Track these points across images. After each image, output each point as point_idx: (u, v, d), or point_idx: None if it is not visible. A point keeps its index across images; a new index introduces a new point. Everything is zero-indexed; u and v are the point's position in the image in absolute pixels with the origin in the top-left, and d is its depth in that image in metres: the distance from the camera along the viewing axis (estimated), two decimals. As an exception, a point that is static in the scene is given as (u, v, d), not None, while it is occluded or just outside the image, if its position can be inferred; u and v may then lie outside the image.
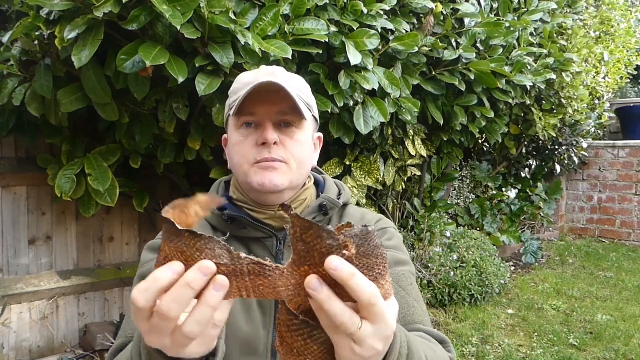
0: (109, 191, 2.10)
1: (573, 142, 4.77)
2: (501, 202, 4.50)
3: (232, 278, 0.48)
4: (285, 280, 0.48)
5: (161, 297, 0.47)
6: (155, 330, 0.49)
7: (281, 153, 0.84)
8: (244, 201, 0.90)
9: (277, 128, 0.85)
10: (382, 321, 0.49)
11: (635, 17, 5.67)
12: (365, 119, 2.21)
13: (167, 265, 0.48)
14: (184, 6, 1.54)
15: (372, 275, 0.49)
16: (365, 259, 0.48)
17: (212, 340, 0.51)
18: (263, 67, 0.90)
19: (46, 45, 1.79)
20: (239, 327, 0.85)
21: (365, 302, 0.47)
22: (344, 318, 0.48)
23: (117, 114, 1.92)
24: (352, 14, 2.03)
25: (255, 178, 0.84)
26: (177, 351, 0.50)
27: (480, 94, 2.90)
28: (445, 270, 3.22)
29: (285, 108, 0.84)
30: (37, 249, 2.54)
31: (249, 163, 0.85)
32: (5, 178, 2.43)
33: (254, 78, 0.85)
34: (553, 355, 2.65)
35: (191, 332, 0.48)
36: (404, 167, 3.09)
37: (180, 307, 0.47)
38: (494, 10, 2.99)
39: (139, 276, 0.87)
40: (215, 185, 0.99)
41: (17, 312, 2.46)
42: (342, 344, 0.50)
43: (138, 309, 0.48)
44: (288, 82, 0.85)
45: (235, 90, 0.87)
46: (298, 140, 0.86)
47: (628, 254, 4.73)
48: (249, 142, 0.85)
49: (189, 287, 0.46)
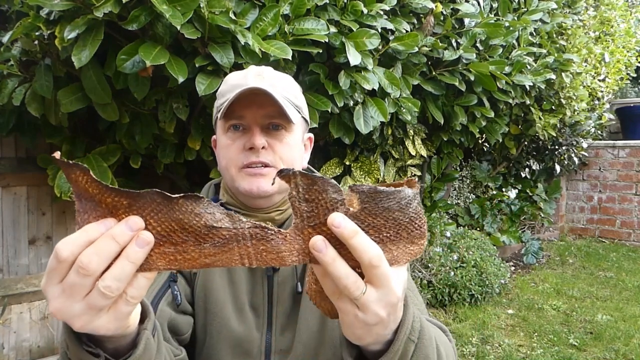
0: (108, 191, 2.10)
1: (573, 142, 4.77)
2: (501, 202, 4.50)
3: (233, 243, 0.46)
4: (289, 245, 0.47)
5: (84, 250, 0.45)
6: (68, 290, 0.45)
7: (269, 157, 0.83)
8: (234, 204, 0.90)
9: (266, 131, 0.84)
10: (386, 286, 0.47)
11: (634, 17, 5.67)
12: (365, 119, 2.21)
13: (100, 221, 0.45)
14: (184, 6, 1.54)
15: (378, 236, 0.47)
16: (371, 217, 0.47)
17: (123, 317, 0.48)
18: (252, 67, 0.88)
19: (46, 45, 1.79)
20: (231, 327, 0.84)
21: (366, 263, 0.46)
22: (347, 281, 0.46)
23: (117, 114, 1.92)
24: (352, 14, 2.03)
25: (243, 184, 0.83)
26: (85, 321, 0.46)
27: (480, 93, 2.90)
28: (445, 270, 3.22)
29: (273, 111, 0.83)
30: (37, 249, 2.54)
31: (236, 167, 0.84)
32: (5, 178, 2.43)
33: (242, 80, 0.84)
34: (553, 355, 2.65)
35: (108, 288, 0.44)
36: (404, 167, 3.09)
37: (101, 261, 0.44)
38: (493, 10, 3.00)
39: None
40: (205, 187, 0.99)
41: (17, 312, 2.46)
42: (346, 309, 0.49)
43: (58, 260, 0.45)
44: (276, 85, 0.83)
45: (223, 92, 0.86)
46: (287, 143, 0.85)
47: (628, 254, 4.73)
48: (237, 146, 0.84)
49: (114, 240, 0.44)
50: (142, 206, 0.45)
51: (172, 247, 0.46)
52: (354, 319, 0.49)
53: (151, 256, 0.46)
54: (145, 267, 0.46)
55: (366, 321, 0.49)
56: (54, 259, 0.45)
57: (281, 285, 0.87)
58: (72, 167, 0.44)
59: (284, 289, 0.87)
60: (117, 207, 0.46)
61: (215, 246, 0.46)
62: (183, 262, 0.47)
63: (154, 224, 0.45)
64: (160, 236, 0.46)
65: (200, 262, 0.47)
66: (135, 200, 0.45)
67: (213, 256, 0.47)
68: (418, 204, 0.49)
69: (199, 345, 0.88)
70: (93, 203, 0.46)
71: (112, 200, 0.45)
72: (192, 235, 0.46)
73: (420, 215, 0.49)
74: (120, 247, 0.45)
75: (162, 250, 0.46)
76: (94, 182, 0.45)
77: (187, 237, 0.46)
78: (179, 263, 0.47)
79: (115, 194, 0.45)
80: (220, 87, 0.89)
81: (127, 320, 0.49)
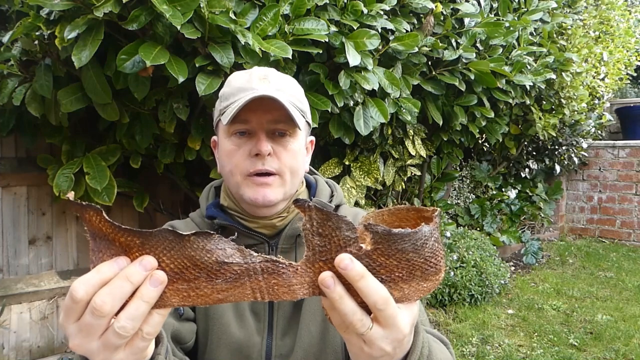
0: (106, 190, 2.10)
1: (573, 142, 4.77)
2: (501, 202, 4.50)
3: (245, 278, 0.47)
4: (300, 277, 0.47)
5: (98, 291, 0.45)
6: (84, 330, 0.46)
7: (275, 165, 0.82)
8: (235, 209, 0.88)
9: (270, 137, 0.82)
10: (393, 326, 0.48)
11: (634, 17, 5.67)
12: (365, 119, 2.21)
13: (113, 259, 0.46)
14: (184, 6, 1.54)
15: (390, 276, 0.47)
16: (383, 258, 0.47)
17: (140, 352, 0.49)
18: (255, 69, 0.86)
19: (46, 45, 1.79)
20: (231, 332, 0.84)
21: (372, 305, 0.47)
22: (353, 318, 0.47)
23: (117, 114, 1.92)
24: (352, 14, 2.03)
25: (248, 192, 0.82)
26: (104, 357, 0.47)
27: (480, 93, 2.90)
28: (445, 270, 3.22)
29: (279, 116, 0.81)
30: (37, 249, 2.54)
31: (242, 174, 0.82)
32: (5, 178, 2.43)
33: (247, 83, 0.82)
34: (553, 355, 2.65)
35: (123, 328, 0.45)
36: (404, 167, 3.09)
37: (115, 302, 0.45)
38: (493, 10, 3.00)
39: None
40: (205, 190, 0.97)
41: (17, 312, 2.46)
42: (352, 341, 0.50)
43: (74, 301, 0.45)
44: (282, 89, 0.82)
45: (227, 95, 0.84)
46: (291, 150, 0.84)
47: (628, 254, 4.73)
48: (242, 152, 0.82)
49: (127, 280, 0.45)
50: (155, 244, 0.46)
51: (185, 283, 0.47)
52: (360, 351, 0.50)
53: (165, 293, 0.47)
54: (159, 304, 0.47)
55: (372, 354, 0.50)
56: (70, 299, 0.46)
57: None
58: (85, 208, 0.46)
59: None
60: (131, 245, 0.46)
61: (227, 282, 0.47)
62: (196, 298, 0.48)
63: (167, 262, 0.46)
64: (174, 273, 0.47)
65: (213, 298, 0.47)
66: (148, 239, 0.46)
67: (225, 291, 0.47)
68: (435, 240, 0.49)
69: (200, 350, 0.87)
70: (107, 242, 0.47)
71: (125, 240, 0.46)
72: (204, 271, 0.46)
73: (436, 253, 0.49)
74: (134, 286, 0.45)
75: (176, 287, 0.47)
76: (107, 222, 0.46)
77: (199, 273, 0.46)
78: (192, 299, 0.48)
79: (128, 233, 0.46)
80: (223, 89, 0.87)
81: (145, 352, 0.51)
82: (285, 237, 0.88)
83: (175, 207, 2.89)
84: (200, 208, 0.94)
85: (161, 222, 2.80)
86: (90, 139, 2.30)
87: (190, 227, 0.92)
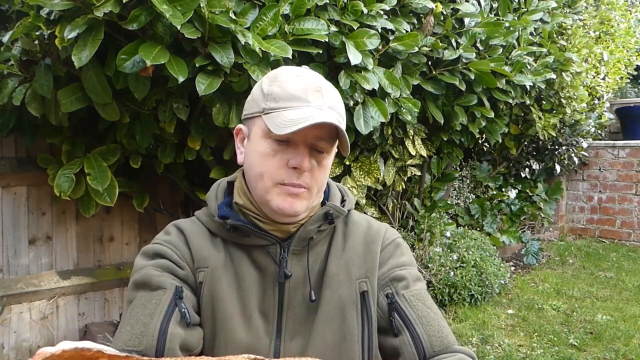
0: (107, 191, 2.10)
1: (573, 142, 4.77)
2: (501, 202, 4.50)
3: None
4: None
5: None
6: None
7: (307, 180, 0.81)
8: (251, 209, 0.86)
9: (310, 151, 0.81)
10: None
11: (634, 17, 5.67)
12: (365, 119, 2.21)
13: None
14: (184, 6, 1.54)
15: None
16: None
17: None
18: (307, 73, 0.83)
19: (46, 45, 1.80)
20: (238, 338, 0.82)
21: None
22: None
23: (118, 114, 1.92)
24: (352, 13, 2.03)
25: (276, 200, 0.81)
26: None
27: (480, 93, 2.90)
28: (445, 270, 3.22)
29: (325, 134, 0.80)
30: (37, 249, 2.54)
31: (273, 181, 0.81)
32: (5, 178, 2.43)
33: (303, 93, 0.79)
34: (553, 355, 2.65)
35: None
36: (404, 167, 3.09)
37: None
38: (493, 10, 3.00)
39: (133, 283, 0.83)
40: (214, 188, 0.94)
41: (17, 312, 2.46)
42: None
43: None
44: (334, 107, 0.81)
45: (277, 97, 0.80)
46: (324, 167, 0.83)
47: (628, 254, 4.73)
48: (279, 160, 0.80)
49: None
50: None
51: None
52: None
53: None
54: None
55: None
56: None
57: (292, 291, 0.85)
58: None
59: (294, 295, 0.85)
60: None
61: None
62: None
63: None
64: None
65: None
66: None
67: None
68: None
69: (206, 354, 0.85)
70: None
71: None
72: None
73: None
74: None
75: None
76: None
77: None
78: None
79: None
80: (271, 85, 0.82)
81: None
82: (298, 239, 0.87)
83: (175, 207, 2.89)
84: (209, 207, 0.90)
85: (161, 222, 2.80)
86: (90, 139, 2.30)
87: (196, 226, 0.90)
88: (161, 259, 0.84)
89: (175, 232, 0.89)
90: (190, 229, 0.89)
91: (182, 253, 0.86)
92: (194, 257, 0.85)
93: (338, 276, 0.86)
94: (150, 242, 0.89)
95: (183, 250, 0.86)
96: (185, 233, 0.88)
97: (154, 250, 0.86)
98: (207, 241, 0.87)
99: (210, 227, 0.89)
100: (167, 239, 0.88)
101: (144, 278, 0.81)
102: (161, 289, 0.80)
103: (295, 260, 0.87)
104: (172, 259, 0.84)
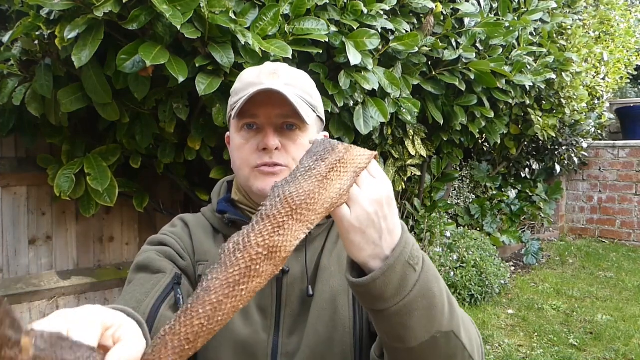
0: (108, 191, 2.10)
1: (573, 142, 4.77)
2: (501, 202, 4.50)
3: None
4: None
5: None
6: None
7: (282, 158, 0.83)
8: (246, 203, 0.89)
9: (279, 131, 0.83)
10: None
11: (634, 17, 5.67)
12: (365, 119, 2.21)
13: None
14: (184, 6, 1.54)
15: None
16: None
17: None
18: (267, 64, 0.87)
19: (46, 45, 1.80)
20: (236, 331, 0.82)
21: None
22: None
23: (118, 114, 1.92)
24: (352, 14, 2.03)
25: (256, 183, 0.83)
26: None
27: (480, 94, 2.90)
28: (445, 270, 3.22)
29: (287, 111, 0.81)
30: (37, 249, 2.54)
31: (249, 167, 0.84)
32: (5, 178, 2.43)
33: (256, 78, 0.83)
34: (553, 355, 2.65)
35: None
36: (404, 167, 3.09)
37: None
38: (493, 10, 3.00)
39: (135, 265, 0.85)
40: (218, 185, 0.98)
41: (17, 312, 2.46)
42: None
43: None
44: (290, 83, 0.82)
45: (237, 90, 0.86)
46: (300, 144, 0.84)
47: (628, 254, 4.73)
48: (250, 146, 0.83)
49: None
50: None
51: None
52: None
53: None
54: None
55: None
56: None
57: (290, 287, 0.86)
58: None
59: (292, 291, 0.86)
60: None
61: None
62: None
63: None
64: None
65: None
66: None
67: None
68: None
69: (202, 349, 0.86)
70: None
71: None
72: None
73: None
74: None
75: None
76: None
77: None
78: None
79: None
80: (234, 85, 0.88)
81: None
82: None
83: (175, 207, 2.89)
84: (212, 203, 0.94)
85: (161, 221, 2.80)
86: (90, 139, 2.30)
87: (200, 221, 0.93)
88: (164, 247, 0.87)
89: (181, 224, 0.92)
90: (195, 223, 0.92)
91: (185, 245, 0.88)
92: (195, 249, 0.88)
93: (330, 268, 0.87)
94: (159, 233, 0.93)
95: (186, 242, 0.89)
96: (190, 226, 0.91)
97: (159, 239, 0.89)
98: (209, 236, 0.90)
99: (213, 223, 0.91)
100: (173, 230, 0.91)
101: (146, 261, 0.84)
102: (161, 273, 0.82)
103: (293, 255, 0.87)
104: (174, 248, 0.87)
